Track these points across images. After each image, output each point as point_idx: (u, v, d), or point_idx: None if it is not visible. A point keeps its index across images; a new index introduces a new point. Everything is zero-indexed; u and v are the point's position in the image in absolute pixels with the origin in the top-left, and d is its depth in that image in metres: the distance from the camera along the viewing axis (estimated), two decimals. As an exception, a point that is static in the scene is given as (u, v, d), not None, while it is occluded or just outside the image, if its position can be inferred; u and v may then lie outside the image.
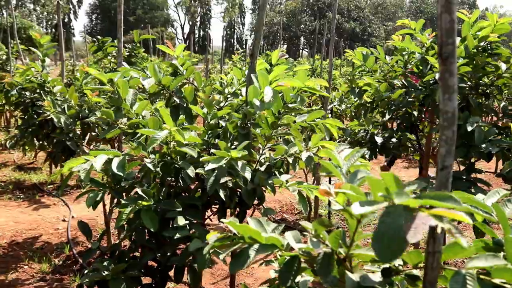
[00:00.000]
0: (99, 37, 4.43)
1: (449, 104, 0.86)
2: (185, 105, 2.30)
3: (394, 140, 3.36)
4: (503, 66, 2.82)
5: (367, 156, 3.31)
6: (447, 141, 0.87)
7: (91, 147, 4.13)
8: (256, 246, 1.12)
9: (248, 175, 1.87)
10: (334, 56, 19.89)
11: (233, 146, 2.12)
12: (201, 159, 1.94)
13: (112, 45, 4.42)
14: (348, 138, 3.56)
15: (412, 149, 3.53)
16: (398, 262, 1.02)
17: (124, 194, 2.18)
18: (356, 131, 3.60)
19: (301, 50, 60.89)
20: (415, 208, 0.79)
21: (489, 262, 0.93)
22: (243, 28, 74.37)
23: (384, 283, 1.06)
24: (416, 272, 1.01)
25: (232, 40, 70.44)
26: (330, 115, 5.92)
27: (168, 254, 2.08)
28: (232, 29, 71.04)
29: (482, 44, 2.81)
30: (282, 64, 2.31)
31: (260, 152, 2.24)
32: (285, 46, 57.24)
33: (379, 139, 3.30)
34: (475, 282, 0.88)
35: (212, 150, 1.95)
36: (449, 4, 0.81)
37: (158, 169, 2.07)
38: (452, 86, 0.85)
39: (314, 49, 15.23)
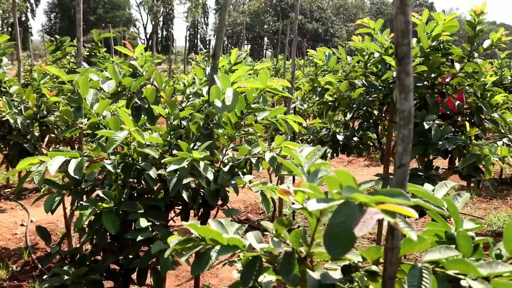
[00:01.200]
0: (57, 36, 4.31)
1: (405, 103, 0.88)
2: (146, 106, 2.27)
3: (355, 138, 3.42)
4: (457, 66, 2.92)
5: (329, 155, 3.35)
6: (403, 140, 0.89)
7: (51, 149, 4.02)
8: (217, 247, 1.12)
9: (210, 175, 1.86)
10: (297, 56, 20.09)
11: (196, 147, 2.11)
12: (162, 161, 1.92)
13: (71, 44, 4.31)
14: (311, 137, 3.60)
15: (373, 147, 3.60)
16: (357, 258, 1.04)
17: (85, 196, 2.13)
18: (319, 129, 3.64)
19: (264, 50, 61.13)
20: (367, 204, 0.81)
21: (443, 254, 0.96)
22: (206, 28, 74.07)
23: (345, 281, 1.07)
24: (375, 268, 1.03)
25: (195, 40, 70.00)
26: (293, 115, 5.97)
27: (131, 256, 2.05)
28: (196, 29, 70.61)
29: (435, 43, 2.89)
30: (241, 63, 2.31)
31: (224, 152, 2.24)
32: (249, 46, 57.38)
33: (341, 138, 3.35)
34: (430, 275, 0.90)
35: (174, 151, 1.94)
36: (404, 6, 0.83)
37: (119, 170, 2.04)
38: (408, 85, 0.88)
39: (278, 49, 15.30)
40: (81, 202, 2.00)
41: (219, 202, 2.18)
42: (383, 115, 3.35)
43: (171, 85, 2.65)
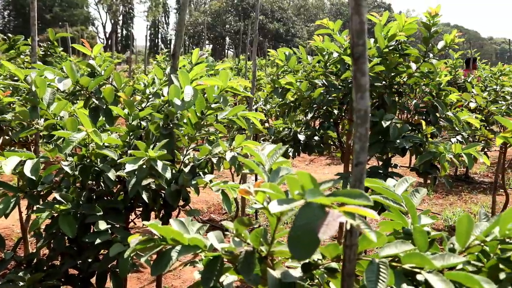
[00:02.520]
0: (10, 35, 4.17)
1: (362, 102, 0.90)
2: (104, 107, 2.23)
3: (316, 138, 3.46)
4: (413, 66, 2.99)
5: (290, 154, 3.38)
6: (360, 138, 0.91)
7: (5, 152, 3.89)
8: (178, 247, 1.11)
9: (168, 175, 1.84)
10: (259, 57, 20.15)
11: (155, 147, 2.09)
12: (119, 161, 1.89)
13: (26, 43, 4.18)
14: (273, 137, 3.62)
15: (334, 146, 3.65)
16: (317, 256, 1.05)
17: (41, 199, 2.07)
18: (280, 129, 3.67)
19: (226, 50, 61.08)
20: (328, 206, 0.82)
21: (399, 249, 0.99)
22: (167, 28, 73.26)
23: (306, 279, 1.08)
24: (334, 265, 1.05)
25: (156, 40, 69.14)
26: (255, 115, 5.98)
27: (90, 260, 2.00)
28: (157, 29, 69.72)
29: (392, 43, 2.95)
30: (202, 63, 2.30)
31: (184, 152, 2.22)
32: (211, 46, 57.15)
33: (302, 137, 3.38)
34: (387, 269, 0.92)
35: (131, 151, 1.90)
36: (359, 7, 0.85)
37: (77, 172, 1.99)
38: (364, 85, 0.89)
39: (239, 49, 15.32)
40: (37, 205, 1.94)
41: (181, 203, 2.16)
42: (343, 114, 3.40)
43: (131, 85, 2.60)
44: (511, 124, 1.27)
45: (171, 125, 2.07)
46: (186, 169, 2.12)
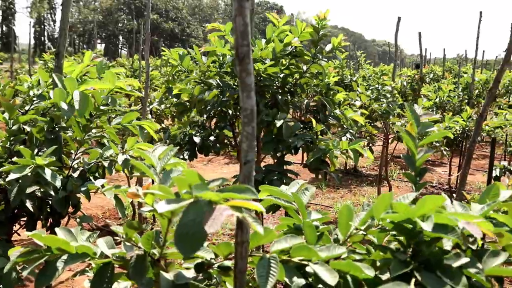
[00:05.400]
0: None
1: (248, 101, 0.92)
2: (-20, 110, 2.05)
3: (212, 138, 3.47)
4: (304, 67, 3.12)
5: (186, 157, 3.36)
6: (248, 137, 0.93)
7: None
8: (65, 256, 1.06)
9: (58, 183, 1.74)
10: (154, 56, 19.74)
11: (40, 153, 1.96)
12: (1, 169, 1.75)
13: None
14: (168, 141, 3.57)
15: (230, 145, 3.69)
16: (210, 255, 1.06)
17: None
18: (177, 134, 3.62)
19: (120, 50, 59.05)
20: (216, 202, 0.83)
21: (288, 243, 1.02)
22: (54, 25, 69.09)
23: (204, 279, 1.08)
24: (227, 262, 1.06)
25: (43, 38, 64.87)
26: (150, 116, 5.86)
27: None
28: (42, 26, 65.45)
29: (288, 48, 3.06)
30: (95, 65, 2.21)
31: (73, 157, 2.11)
32: (103, 45, 54.93)
33: (197, 140, 3.37)
34: (277, 264, 0.95)
35: (15, 159, 1.77)
36: (242, 8, 0.86)
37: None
38: (250, 84, 0.91)
39: (133, 49, 14.89)
40: None
41: (71, 210, 2.05)
42: (238, 114, 3.45)
43: (12, 86, 2.42)
44: (410, 116, 1.37)
45: (57, 129, 1.96)
46: (76, 174, 2.03)
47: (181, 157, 3.33)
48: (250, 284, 1.08)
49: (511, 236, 1.04)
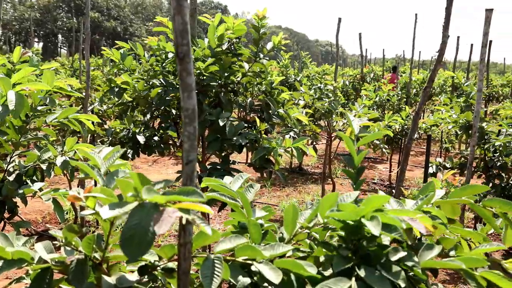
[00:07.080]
0: None
1: (189, 101, 0.91)
2: None
3: (156, 138, 3.42)
4: (246, 66, 3.14)
5: (130, 156, 3.29)
6: (189, 137, 0.92)
7: None
8: (0, 263, 1.01)
9: (-8, 187, 1.66)
10: (96, 56, 19.21)
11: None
12: None
13: None
14: (110, 138, 3.48)
15: (175, 146, 3.65)
16: (153, 258, 1.04)
17: None
18: (118, 130, 3.55)
19: (59, 49, 56.94)
20: (163, 204, 0.82)
21: (233, 243, 1.03)
22: (-13, 22, 65.53)
23: (149, 281, 1.07)
24: (171, 264, 1.05)
25: (-27, 35, 61.46)
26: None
27: None
28: (-27, 23, 61.93)
29: (225, 44, 3.05)
30: (26, 62, 2.12)
31: (8, 160, 2.02)
32: (41, 44, 52.82)
33: (141, 138, 3.31)
34: (222, 264, 0.95)
35: None
36: (181, 7, 0.86)
37: None
38: (190, 84, 0.91)
39: (73, 48, 14.43)
40: None
41: (6, 215, 1.96)
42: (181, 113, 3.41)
43: None
44: (350, 120, 1.42)
45: (-10, 131, 1.87)
46: (11, 178, 1.94)
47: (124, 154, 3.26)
48: (195, 286, 1.08)
49: (444, 228, 1.10)
